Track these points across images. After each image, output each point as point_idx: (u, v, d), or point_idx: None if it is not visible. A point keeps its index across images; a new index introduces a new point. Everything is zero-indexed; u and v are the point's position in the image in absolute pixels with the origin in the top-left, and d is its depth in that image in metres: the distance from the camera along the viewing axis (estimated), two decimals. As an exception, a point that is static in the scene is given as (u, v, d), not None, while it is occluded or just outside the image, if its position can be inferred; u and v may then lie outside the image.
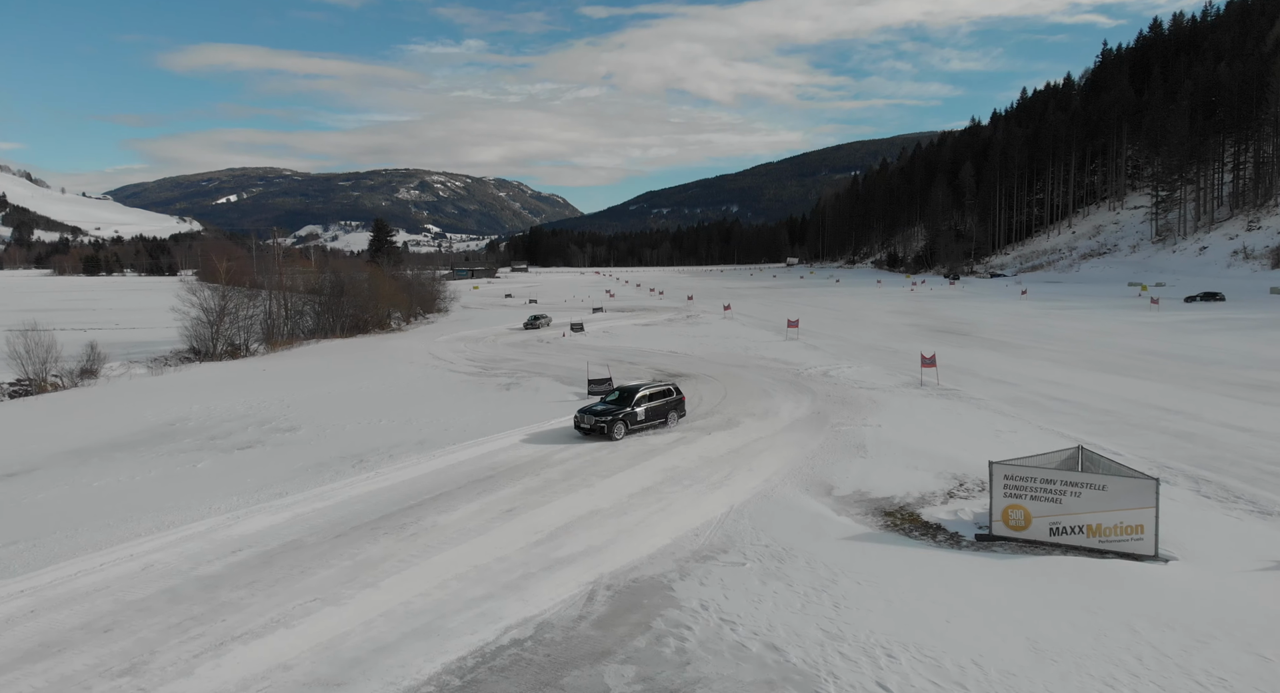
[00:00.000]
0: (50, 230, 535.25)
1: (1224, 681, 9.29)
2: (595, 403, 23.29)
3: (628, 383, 25.13)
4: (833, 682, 9.30)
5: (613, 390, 24.21)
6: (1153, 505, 13.02)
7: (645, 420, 22.59)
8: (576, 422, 22.34)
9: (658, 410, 22.99)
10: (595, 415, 21.87)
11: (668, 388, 23.90)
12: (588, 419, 21.92)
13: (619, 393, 23.33)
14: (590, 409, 22.39)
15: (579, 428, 22.22)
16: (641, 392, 22.87)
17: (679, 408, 23.80)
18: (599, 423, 21.65)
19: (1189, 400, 25.42)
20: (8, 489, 18.44)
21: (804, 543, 13.75)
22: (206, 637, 10.67)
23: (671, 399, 23.63)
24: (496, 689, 9.29)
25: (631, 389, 23.17)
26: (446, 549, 13.70)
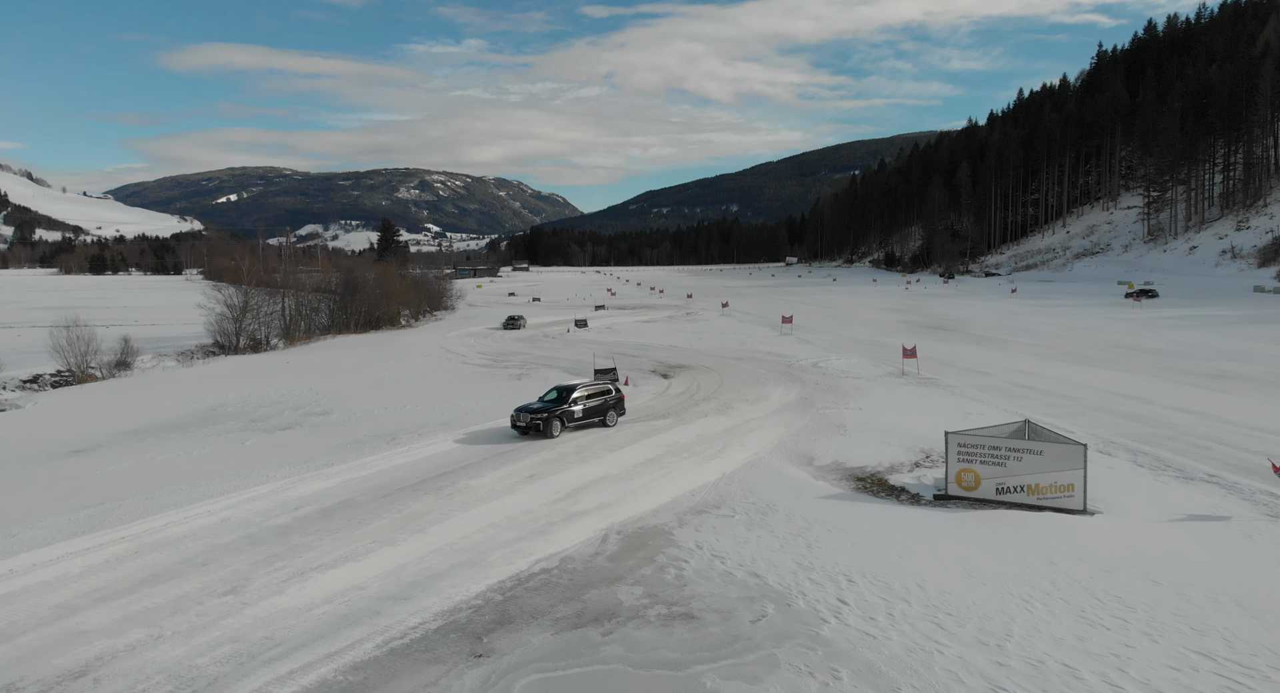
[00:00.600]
0: (52, 230, 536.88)
1: (1118, 598, 11.55)
2: (532, 402, 23.18)
3: (566, 382, 25.17)
4: (801, 598, 11.57)
5: (550, 390, 24.02)
6: (1081, 468, 15.30)
7: (583, 418, 22.65)
8: (513, 420, 22.07)
9: (596, 409, 23.07)
10: (531, 413, 21.77)
11: (606, 387, 24.06)
12: (523, 418, 21.78)
13: (556, 392, 23.29)
14: (526, 408, 22.29)
15: (515, 427, 21.96)
16: (579, 391, 23.04)
17: (619, 406, 23.85)
18: (535, 421, 21.56)
19: (1147, 388, 27.71)
20: (82, 462, 20.71)
21: (785, 501, 16.03)
22: (289, 568, 12.95)
23: (611, 398, 23.73)
24: (531, 602, 11.57)
25: (569, 388, 23.26)
26: (480, 505, 16.00)
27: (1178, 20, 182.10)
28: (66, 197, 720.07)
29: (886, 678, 9.34)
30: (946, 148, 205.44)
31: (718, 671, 9.56)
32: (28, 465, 20.61)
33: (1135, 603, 11.35)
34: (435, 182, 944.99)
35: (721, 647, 10.16)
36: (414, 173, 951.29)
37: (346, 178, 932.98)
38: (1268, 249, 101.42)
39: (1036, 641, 10.22)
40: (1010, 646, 10.09)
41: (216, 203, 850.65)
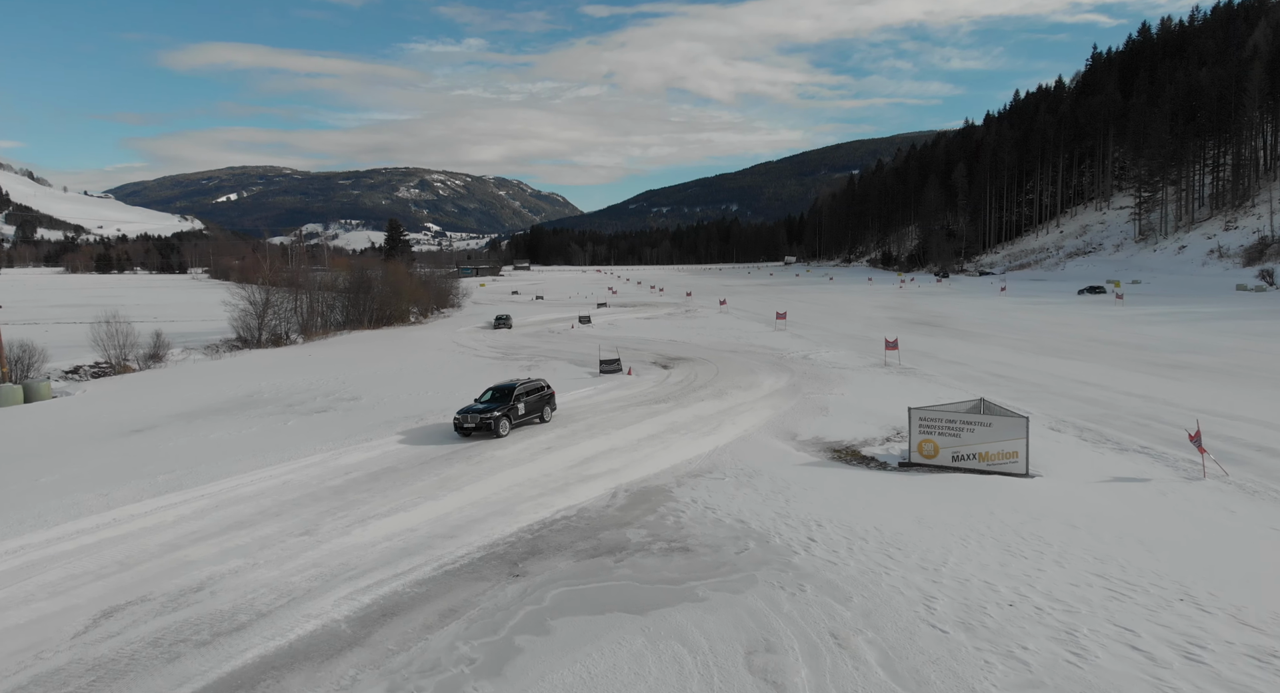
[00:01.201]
0: (53, 229, 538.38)
1: (1040, 537, 13.99)
2: (473, 404, 23.15)
3: (501, 381, 25.26)
4: (778, 536, 14.03)
5: (486, 390, 24.05)
6: (1024, 437, 17.76)
7: (525, 415, 23.04)
8: (457, 423, 22.00)
9: (534, 405, 23.52)
10: (479, 414, 21.82)
11: (541, 384, 24.43)
12: (471, 418, 21.78)
13: (493, 392, 23.41)
14: (471, 409, 22.28)
15: (460, 429, 21.92)
16: (519, 389, 23.25)
17: (551, 402, 24.39)
18: (485, 420, 21.65)
19: (1107, 376, 30.17)
20: (145, 439, 23.15)
21: (769, 467, 18.49)
22: (350, 516, 15.42)
23: (545, 394, 24.23)
24: (555, 539, 14.04)
25: (508, 387, 23.47)
26: (506, 471, 18.47)
27: (1171, 22, 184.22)
28: (68, 196, 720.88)
29: (841, 591, 11.80)
30: (943, 148, 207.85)
31: (708, 585, 12.02)
32: (97, 442, 23.04)
33: (1053, 541, 13.80)
34: (435, 181, 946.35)
35: (711, 570, 12.63)
36: (414, 172, 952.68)
37: (346, 177, 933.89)
38: (1252, 249, 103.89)
39: (966, 566, 12.69)
40: (944, 570, 12.55)
41: (216, 202, 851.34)
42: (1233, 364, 33.09)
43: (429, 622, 11.04)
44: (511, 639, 10.48)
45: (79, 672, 9.90)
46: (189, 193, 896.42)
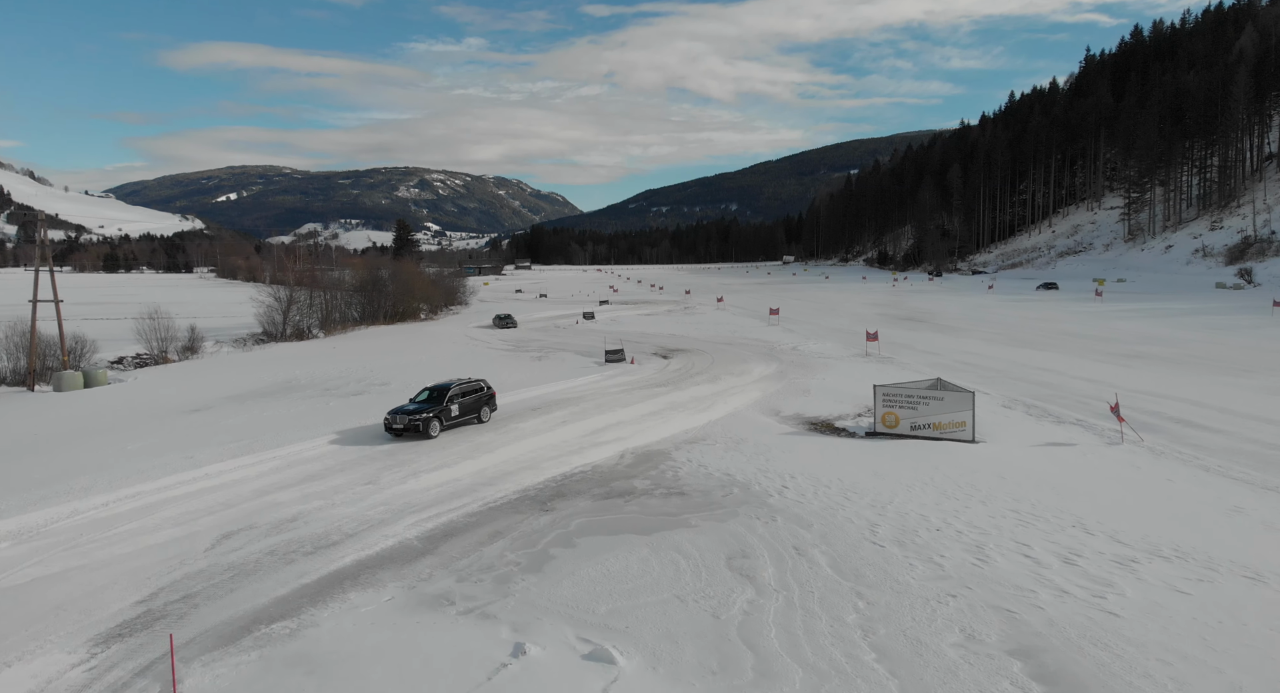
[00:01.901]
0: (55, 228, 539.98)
1: (973, 485, 17.06)
2: (406, 404, 23.04)
3: (438, 382, 24.92)
4: (758, 485, 17.11)
5: (422, 390, 23.85)
6: (970, 409, 20.86)
7: (459, 416, 22.87)
8: (388, 423, 21.81)
9: (470, 406, 23.36)
10: (408, 415, 21.70)
11: (479, 384, 24.19)
12: (400, 419, 21.61)
13: (429, 392, 23.21)
14: (402, 409, 22.15)
15: (390, 429, 21.73)
16: (453, 389, 23.01)
17: (491, 403, 24.31)
18: (413, 422, 21.49)
19: (1065, 364, 33.27)
20: (205, 416, 26.21)
21: (754, 436, 21.58)
22: (404, 471, 18.52)
23: (483, 394, 24.05)
24: (575, 486, 17.14)
25: (443, 387, 23.24)
26: (530, 438, 21.58)
27: (1163, 25, 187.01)
28: (69, 196, 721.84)
29: (805, 520, 14.90)
30: (939, 149, 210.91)
31: (699, 517, 15.11)
32: (163, 419, 26.08)
33: (982, 488, 16.89)
34: (435, 180, 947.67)
35: (702, 507, 15.72)
36: (414, 172, 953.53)
37: (346, 177, 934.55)
38: (1235, 248, 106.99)
39: (907, 505, 15.78)
40: (889, 508, 15.64)
41: (216, 202, 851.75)
42: (1183, 354, 36.19)
43: (481, 540, 14.15)
44: (546, 551, 13.58)
45: (219, 570, 12.98)
46: (189, 192, 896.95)
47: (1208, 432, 21.19)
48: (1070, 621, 10.77)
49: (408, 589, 12.10)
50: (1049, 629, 10.56)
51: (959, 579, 12.24)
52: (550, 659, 9.91)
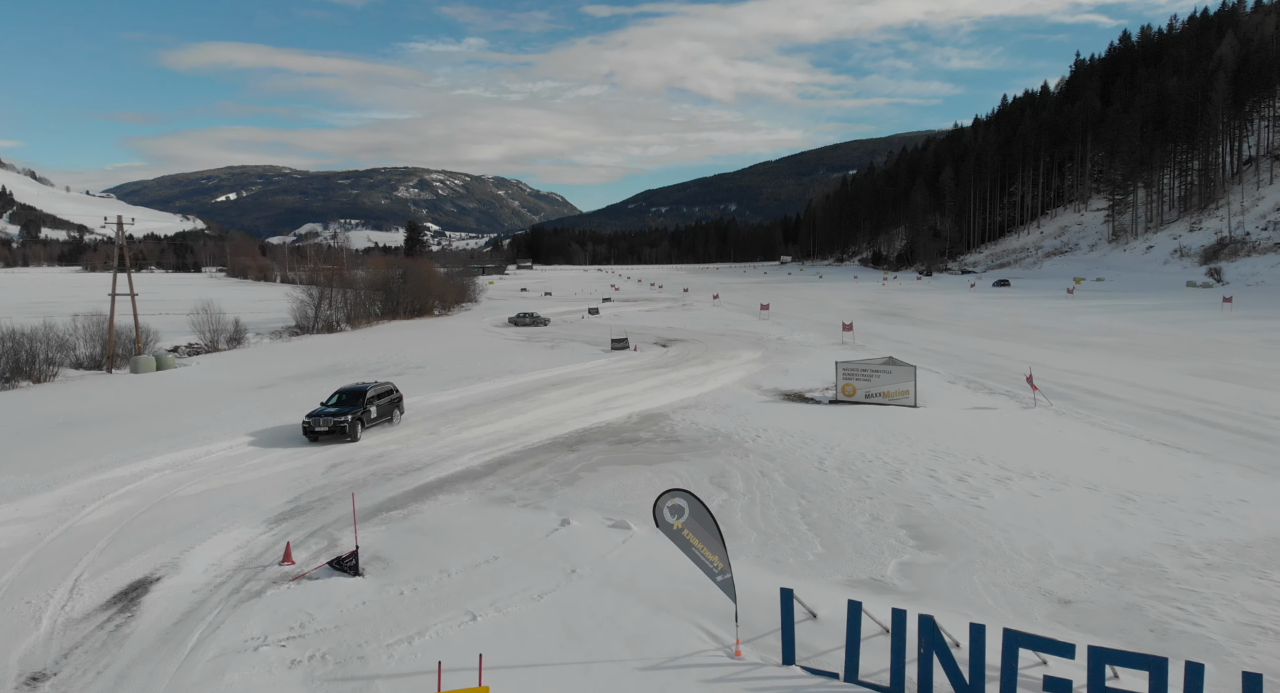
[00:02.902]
0: (57, 228, 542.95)
1: (905, 434, 21.75)
2: (321, 408, 22.62)
3: (350, 384, 24.80)
4: (736, 435, 21.81)
5: (333, 394, 23.62)
6: (913, 380, 25.56)
7: (377, 417, 23.04)
8: (308, 427, 21.58)
9: (385, 409, 23.57)
10: (331, 417, 21.60)
11: (390, 387, 24.47)
12: (323, 422, 21.49)
13: (340, 395, 23.15)
14: (321, 413, 21.92)
15: (311, 433, 21.52)
16: (370, 392, 23.20)
17: (400, 405, 24.56)
18: (338, 423, 21.45)
19: (1015, 350, 37.97)
20: (273, 392, 30.82)
21: (737, 404, 26.29)
22: (456, 426, 23.25)
23: (394, 397, 24.37)
24: (593, 436, 21.87)
25: (359, 390, 23.28)
26: (553, 405, 26.32)
27: (1151, 30, 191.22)
28: (70, 195, 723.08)
29: (770, 456, 19.59)
30: (932, 151, 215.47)
31: (690, 454, 19.82)
32: (238, 394, 30.70)
33: (911, 436, 21.59)
34: (434, 180, 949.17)
35: (692, 448, 20.42)
36: (413, 172, 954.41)
37: (345, 177, 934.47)
38: (1210, 249, 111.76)
39: (850, 447, 20.47)
40: (836, 449, 20.32)
41: (216, 202, 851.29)
42: (1125, 343, 40.93)
43: (526, 467, 18.87)
44: (576, 474, 18.30)
45: (338, 485, 17.67)
46: (188, 192, 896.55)
47: (1108, 399, 25.92)
48: (948, 511, 15.48)
49: (479, 494, 16.82)
50: (932, 515, 15.27)
51: (877, 489, 16.94)
52: (586, 528, 14.62)
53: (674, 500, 10.26)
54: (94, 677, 9.71)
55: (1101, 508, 15.44)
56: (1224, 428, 21.78)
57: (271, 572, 12.81)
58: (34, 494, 17.04)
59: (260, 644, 10.36)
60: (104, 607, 11.75)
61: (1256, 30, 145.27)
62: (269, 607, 11.51)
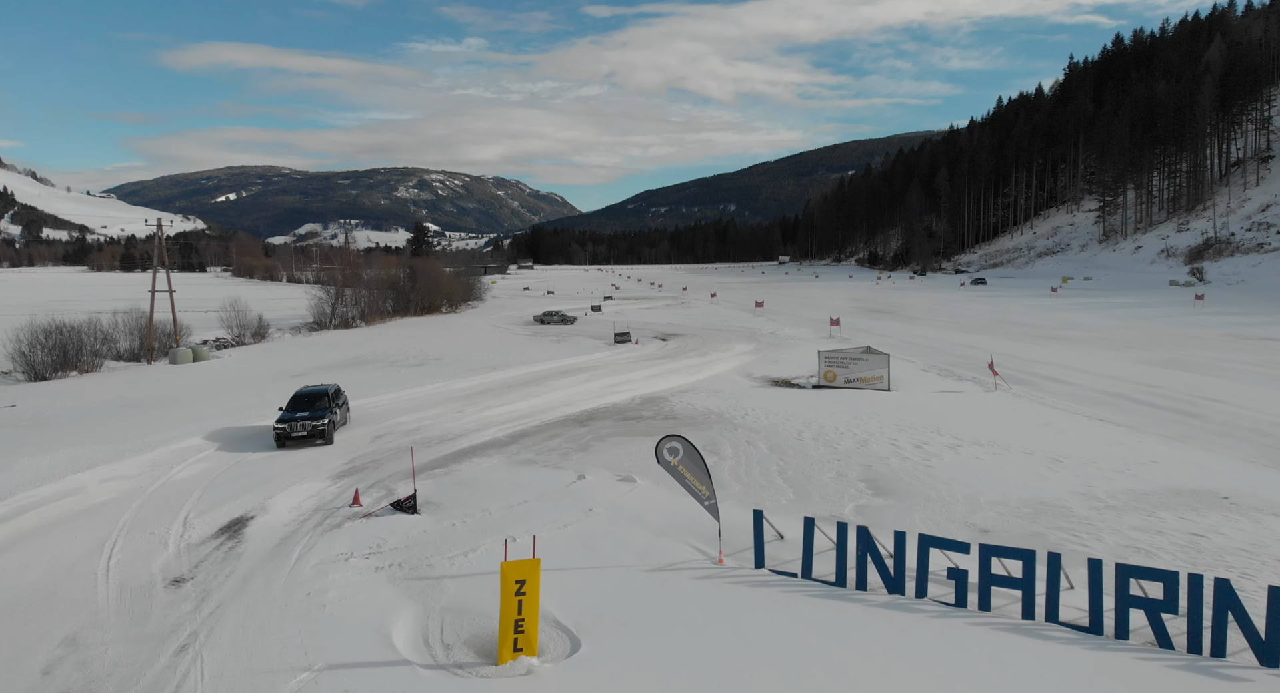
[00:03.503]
0: (58, 228, 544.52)
1: (876, 411, 24.65)
2: (291, 413, 21.81)
3: (312, 386, 24.21)
4: (728, 413, 24.73)
5: (294, 397, 22.75)
6: (886, 367, 28.50)
7: (340, 420, 23.07)
8: (283, 433, 20.97)
9: (343, 411, 23.72)
10: (309, 421, 21.22)
11: (338, 387, 24.45)
12: (301, 427, 21.05)
13: (303, 398, 22.53)
14: (294, 417, 21.39)
15: (288, 437, 21.00)
16: (330, 391, 23.17)
17: (347, 406, 24.41)
18: (317, 428, 21.17)
19: (990, 343, 40.86)
20: (307, 378, 33.58)
21: (729, 388, 29.22)
22: (479, 405, 26.19)
23: (343, 398, 24.32)
24: (601, 414, 24.80)
25: (321, 391, 23.07)
26: (564, 389, 29.26)
27: (1144, 34, 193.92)
28: (71, 196, 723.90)
29: (756, 430, 22.50)
30: (928, 153, 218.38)
31: (687, 429, 22.70)
32: (275, 381, 33.50)
33: (881, 414, 24.50)
34: (434, 181, 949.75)
35: (688, 424, 23.33)
36: (413, 172, 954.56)
37: (345, 177, 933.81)
38: (1196, 249, 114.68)
39: (826, 422, 23.39)
40: (814, 423, 23.23)
41: (215, 202, 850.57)
42: (1092, 337, 43.87)
43: (545, 437, 21.81)
44: (588, 443, 21.23)
45: (384, 451, 20.58)
46: (188, 192, 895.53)
47: (1062, 384, 28.86)
48: (903, 470, 18.41)
49: (506, 458, 19.76)
50: (889, 473, 18.19)
51: (844, 454, 19.86)
52: (599, 481, 17.55)
53: (671, 443, 13.20)
54: (224, 579, 12.62)
55: (1032, 467, 18.35)
56: (1157, 407, 24.72)
57: (344, 512, 15.74)
58: (125, 458, 19.94)
59: (348, 558, 13.28)
60: (215, 536, 14.67)
61: (1245, 34, 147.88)
62: (348, 534, 14.43)
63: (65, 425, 24.66)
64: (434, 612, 11.15)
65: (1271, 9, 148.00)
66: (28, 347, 36.25)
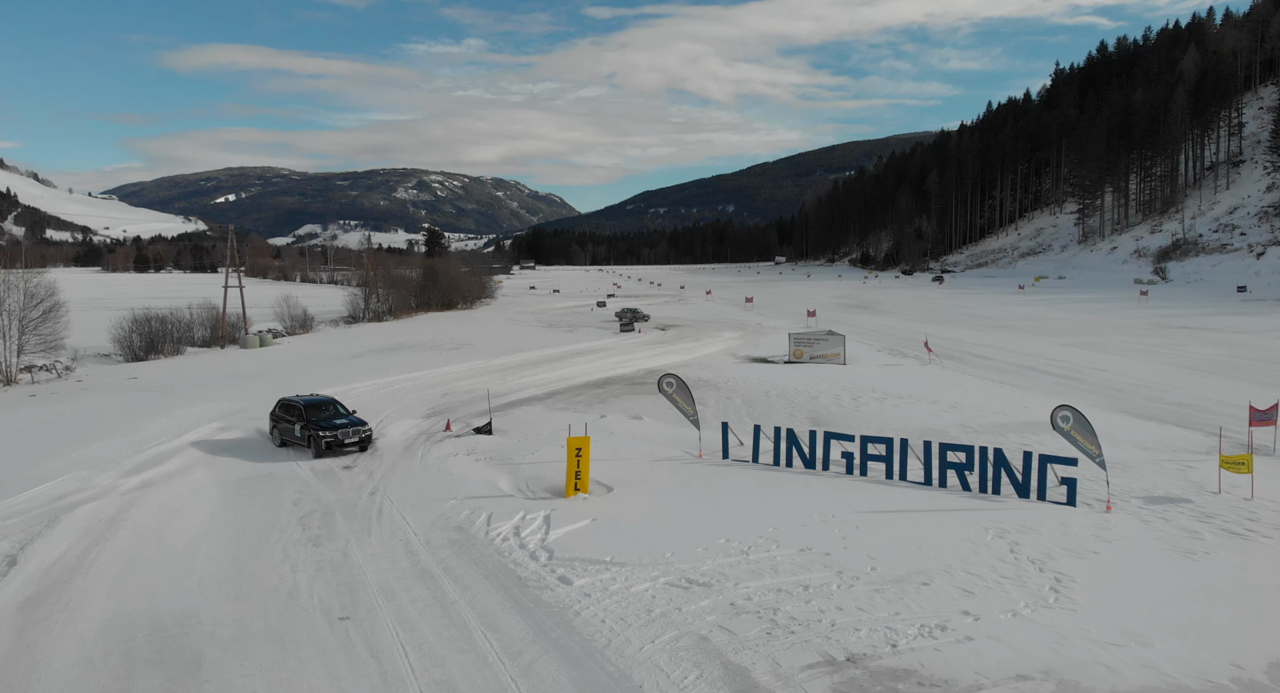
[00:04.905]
0: (61, 230, 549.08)
1: (829, 378, 31.43)
2: (333, 418, 21.30)
3: (312, 396, 23.24)
4: (714, 380, 31.53)
5: (308, 406, 21.79)
6: (843, 345, 35.35)
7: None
8: (331, 441, 20.41)
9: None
10: (354, 426, 21.03)
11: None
12: (352, 432, 20.81)
13: (320, 406, 21.89)
14: (332, 424, 20.88)
15: (338, 446, 20.51)
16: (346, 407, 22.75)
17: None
18: (363, 434, 21.08)
19: (942, 330, 47.66)
20: (364, 360, 40.42)
21: (718, 364, 36.04)
22: (517, 376, 33.07)
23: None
24: (614, 381, 31.72)
25: (331, 400, 22.75)
26: (582, 364, 36.11)
27: (1127, 41, 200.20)
28: (73, 197, 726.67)
29: (734, 390, 29.32)
30: (919, 157, 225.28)
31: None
32: (336, 361, 40.22)
33: (833, 379, 31.26)
34: (433, 181, 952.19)
35: (682, 386, 30.13)
36: (412, 173, 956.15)
37: (344, 178, 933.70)
38: (1165, 249, 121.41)
39: (789, 385, 30.19)
40: (779, 385, 30.03)
41: (214, 203, 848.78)
42: (1035, 325, 50.71)
43: (571, 395, 28.67)
44: (604, 398, 28.07)
45: (454, 402, 27.36)
46: (187, 193, 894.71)
47: (985, 359, 35.68)
48: (839, 412, 25.20)
49: (546, 406, 26.60)
50: (826, 413, 24.97)
51: (797, 403, 26.64)
52: (615, 419, 24.36)
53: (669, 379, 20.03)
54: (378, 466, 19.39)
55: (934, 411, 25.12)
56: (1050, 374, 31.55)
57: (440, 434, 22.54)
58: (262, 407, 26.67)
59: (455, 455, 20.07)
60: (358, 446, 21.42)
61: (1220, 43, 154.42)
62: (449, 445, 21.23)
63: (190, 390, 31.39)
64: (520, 476, 17.98)
65: (1247, 19, 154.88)
66: (126, 334, 42.97)
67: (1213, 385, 28.47)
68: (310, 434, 20.67)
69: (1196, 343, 40.31)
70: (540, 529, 14.46)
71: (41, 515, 15.97)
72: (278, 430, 22.22)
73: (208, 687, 9.55)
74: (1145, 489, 16.65)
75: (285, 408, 22.33)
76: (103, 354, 43.72)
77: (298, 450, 21.44)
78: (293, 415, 21.73)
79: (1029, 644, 10.20)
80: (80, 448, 21.48)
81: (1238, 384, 28.38)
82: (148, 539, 14.70)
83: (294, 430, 21.32)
